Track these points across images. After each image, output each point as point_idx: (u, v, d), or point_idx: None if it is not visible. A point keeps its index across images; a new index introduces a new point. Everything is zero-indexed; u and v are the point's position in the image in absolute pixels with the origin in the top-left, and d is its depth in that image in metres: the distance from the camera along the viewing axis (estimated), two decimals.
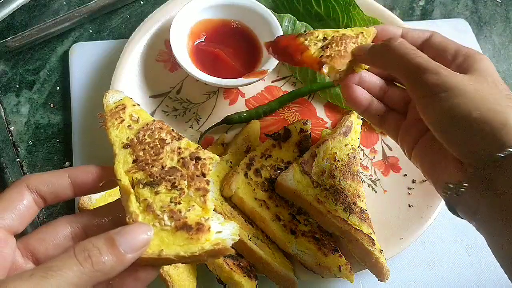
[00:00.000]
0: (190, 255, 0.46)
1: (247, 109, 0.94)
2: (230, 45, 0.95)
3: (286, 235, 0.77)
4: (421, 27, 1.11)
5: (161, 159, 0.52)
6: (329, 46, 0.66)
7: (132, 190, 0.49)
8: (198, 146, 0.53)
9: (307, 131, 0.90)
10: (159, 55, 0.98)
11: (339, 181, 0.84)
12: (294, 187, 0.79)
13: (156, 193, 0.49)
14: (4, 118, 0.94)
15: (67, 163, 0.91)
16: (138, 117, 0.56)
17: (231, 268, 0.71)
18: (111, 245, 0.44)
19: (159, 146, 0.53)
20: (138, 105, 0.58)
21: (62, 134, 0.93)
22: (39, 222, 0.85)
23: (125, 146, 0.52)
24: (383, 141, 0.95)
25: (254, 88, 0.97)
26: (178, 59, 0.89)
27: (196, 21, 0.96)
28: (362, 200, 0.84)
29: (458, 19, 1.17)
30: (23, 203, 0.50)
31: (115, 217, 0.53)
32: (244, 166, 0.82)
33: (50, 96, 0.98)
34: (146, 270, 0.48)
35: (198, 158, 0.52)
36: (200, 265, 0.75)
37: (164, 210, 0.48)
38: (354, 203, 0.82)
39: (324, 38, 0.67)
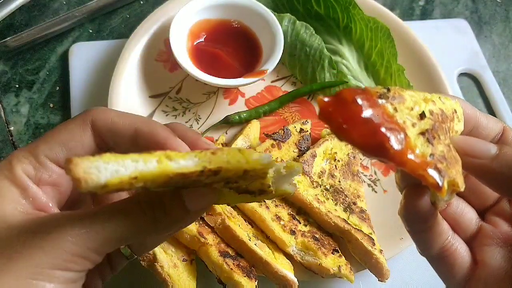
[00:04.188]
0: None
1: (247, 109, 0.94)
2: (230, 45, 0.95)
3: (286, 235, 0.77)
4: (421, 27, 1.11)
5: None
6: (433, 133, 0.40)
7: None
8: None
9: (307, 131, 0.90)
10: (159, 55, 0.98)
11: (339, 181, 0.84)
12: None
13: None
14: (4, 118, 0.94)
15: None
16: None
17: (231, 268, 0.71)
18: (178, 199, 0.43)
19: None
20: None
21: None
22: None
23: None
24: None
25: (254, 88, 0.97)
26: (177, 59, 0.89)
27: (196, 21, 0.96)
28: (362, 200, 0.84)
29: (458, 19, 1.17)
30: (82, 140, 0.46)
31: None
32: None
33: (50, 96, 0.97)
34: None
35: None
36: (200, 265, 0.75)
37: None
38: (354, 203, 0.82)
39: (422, 114, 0.41)
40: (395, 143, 0.37)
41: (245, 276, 0.71)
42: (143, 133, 0.47)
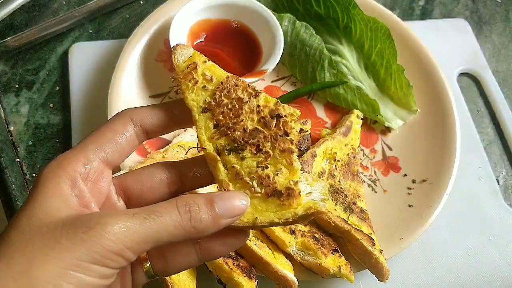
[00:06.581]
0: (284, 221, 0.47)
1: None
2: (230, 45, 0.95)
3: (286, 235, 0.77)
4: (421, 27, 1.11)
5: (241, 121, 0.50)
6: None
7: (218, 157, 0.49)
8: (277, 101, 0.51)
9: (307, 131, 0.89)
10: (159, 55, 0.98)
11: (339, 181, 0.84)
12: None
13: (242, 158, 0.49)
14: (4, 118, 0.94)
15: None
16: (212, 76, 0.53)
17: (231, 268, 0.71)
18: (210, 206, 0.46)
19: (237, 106, 0.50)
20: (209, 60, 0.54)
21: (62, 134, 0.93)
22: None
23: (204, 110, 0.51)
24: (383, 141, 0.94)
25: None
26: None
27: (196, 21, 0.96)
28: (362, 200, 0.84)
29: (458, 19, 1.17)
30: (125, 135, 0.49)
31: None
32: None
33: (50, 96, 0.97)
34: (237, 236, 0.49)
35: (279, 116, 0.51)
36: (200, 265, 0.75)
37: (253, 177, 0.48)
38: (354, 203, 0.82)
39: None
40: None
41: (245, 276, 0.71)
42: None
